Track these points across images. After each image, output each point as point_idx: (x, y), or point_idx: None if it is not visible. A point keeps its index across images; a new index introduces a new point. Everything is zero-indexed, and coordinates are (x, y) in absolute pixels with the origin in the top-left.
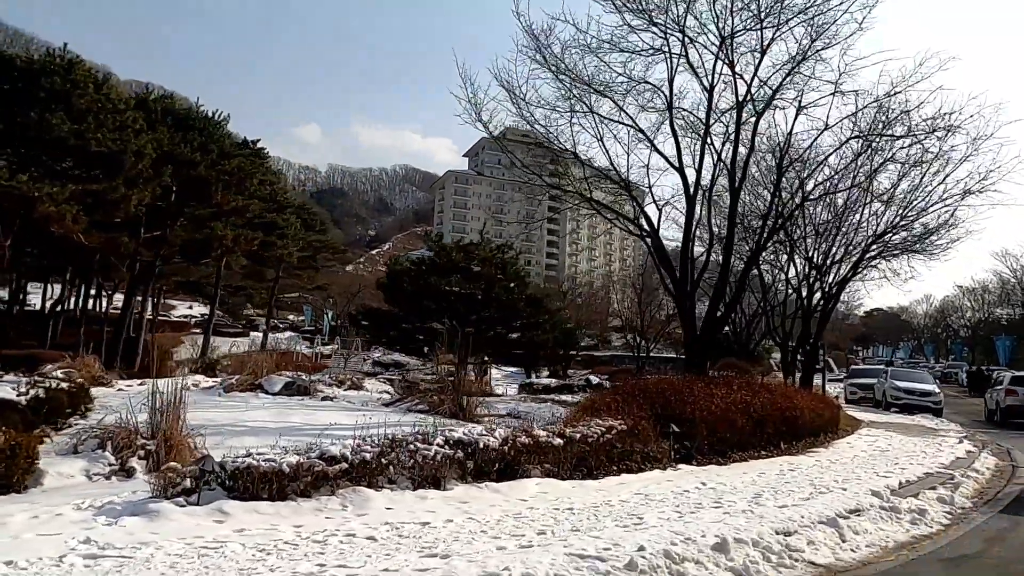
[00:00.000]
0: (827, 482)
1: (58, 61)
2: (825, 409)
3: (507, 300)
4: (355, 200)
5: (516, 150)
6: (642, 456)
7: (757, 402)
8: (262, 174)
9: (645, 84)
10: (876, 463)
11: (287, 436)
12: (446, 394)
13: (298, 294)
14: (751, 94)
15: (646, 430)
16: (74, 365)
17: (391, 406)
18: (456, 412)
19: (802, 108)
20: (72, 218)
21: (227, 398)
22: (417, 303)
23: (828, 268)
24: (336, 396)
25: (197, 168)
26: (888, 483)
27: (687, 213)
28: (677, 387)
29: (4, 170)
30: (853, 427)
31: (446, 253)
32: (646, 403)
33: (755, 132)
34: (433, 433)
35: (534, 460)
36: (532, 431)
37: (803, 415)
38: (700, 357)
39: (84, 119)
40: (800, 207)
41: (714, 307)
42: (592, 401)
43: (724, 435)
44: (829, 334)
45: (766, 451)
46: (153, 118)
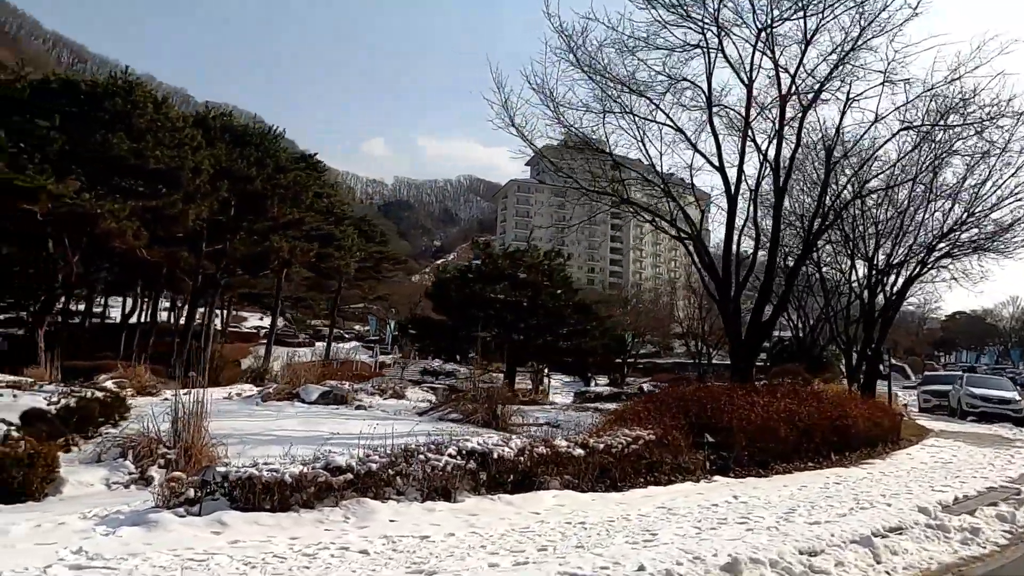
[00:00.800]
0: (873, 496)
1: (120, 83)
2: (883, 418)
3: (554, 307)
4: (421, 212)
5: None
6: (673, 467)
7: (803, 410)
8: (318, 187)
9: (683, 82)
10: (934, 476)
11: (306, 445)
12: (480, 403)
13: (363, 304)
14: (796, 87)
15: (677, 440)
16: (126, 375)
17: (425, 415)
18: (489, 421)
19: (851, 100)
20: (133, 233)
21: (263, 407)
22: (464, 311)
23: (890, 270)
24: (372, 405)
25: (253, 183)
26: (941, 498)
27: (728, 213)
28: (714, 395)
29: (69, 188)
30: (918, 437)
31: (492, 261)
32: (680, 412)
33: (801, 127)
34: (447, 443)
35: (553, 471)
36: (552, 441)
37: (856, 424)
38: (746, 363)
39: (143, 138)
40: (851, 204)
41: (759, 310)
42: (626, 410)
43: (765, 445)
44: (905, 339)
45: (814, 462)
46: (212, 135)
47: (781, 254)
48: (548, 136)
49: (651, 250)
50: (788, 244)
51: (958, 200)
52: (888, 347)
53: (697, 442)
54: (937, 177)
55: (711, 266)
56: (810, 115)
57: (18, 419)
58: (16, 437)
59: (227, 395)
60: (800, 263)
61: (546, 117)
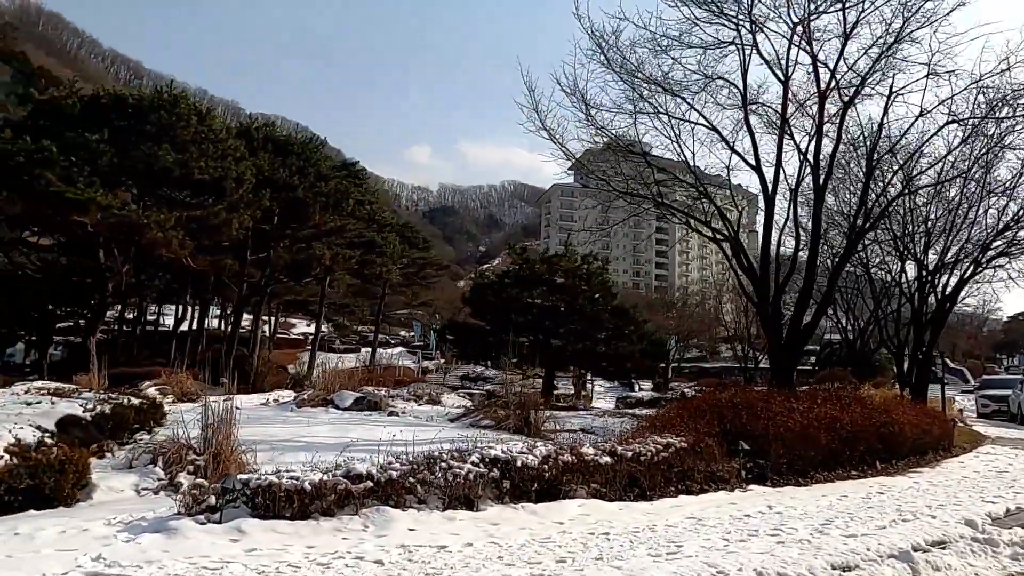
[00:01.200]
0: (918, 508)
1: (165, 97)
2: (933, 424)
3: (591, 312)
4: (466, 217)
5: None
6: (706, 476)
7: (845, 417)
8: (360, 194)
9: (718, 80)
10: (986, 486)
11: (333, 452)
12: (512, 409)
13: (408, 310)
14: (836, 82)
15: (710, 447)
16: (168, 381)
17: (457, 421)
18: (521, 427)
19: (894, 94)
20: (178, 243)
21: (297, 413)
22: (500, 316)
23: (941, 270)
24: (405, 411)
25: (295, 191)
26: (992, 510)
27: (765, 214)
28: (750, 401)
29: (117, 200)
30: (973, 444)
31: (529, 265)
32: (715, 418)
33: (842, 123)
34: (470, 450)
35: (579, 480)
36: (579, 448)
37: (903, 431)
38: (786, 368)
39: (187, 149)
40: (896, 202)
41: (799, 313)
42: (659, 416)
43: (805, 453)
44: (964, 342)
45: (858, 471)
46: (255, 145)
47: (827, 254)
48: (580, 139)
49: (698, 252)
50: (833, 244)
51: (1014, 197)
52: (941, 351)
53: (732, 450)
54: (990, 173)
55: (750, 268)
56: (852, 111)
57: (54, 425)
58: (49, 444)
59: (264, 401)
60: (842, 264)
61: (577, 119)
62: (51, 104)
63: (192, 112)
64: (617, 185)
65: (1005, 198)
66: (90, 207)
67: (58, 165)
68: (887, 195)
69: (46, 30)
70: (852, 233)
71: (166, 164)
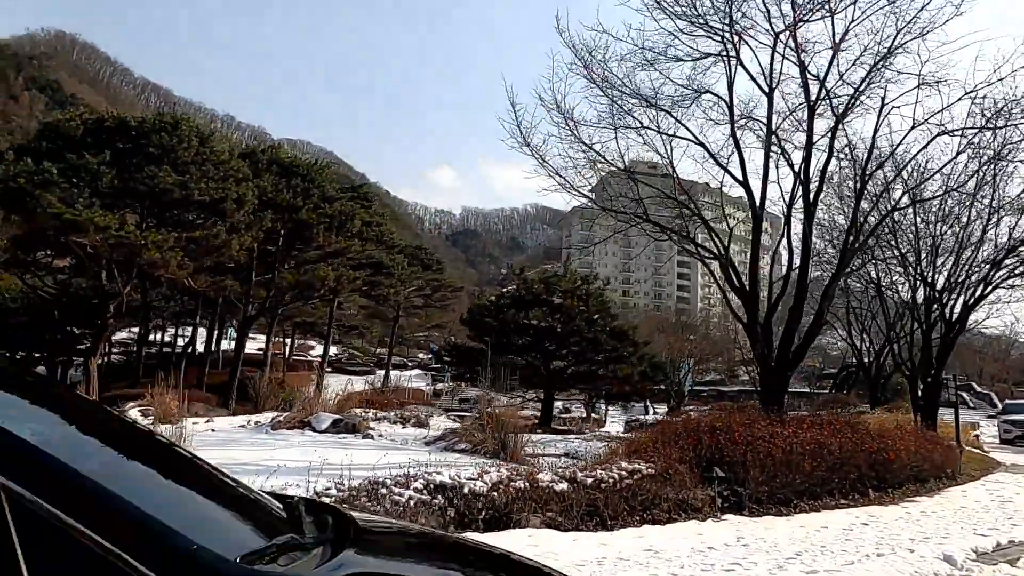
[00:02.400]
0: (901, 540)
1: (167, 119)
2: (934, 451)
3: (588, 333)
4: (488, 240)
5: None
6: (676, 504)
7: (833, 442)
8: (368, 216)
9: (705, 95)
10: (984, 517)
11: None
12: (488, 432)
13: (426, 333)
14: (828, 94)
15: (680, 474)
16: (152, 402)
17: (433, 444)
18: (497, 451)
19: (886, 106)
20: (177, 263)
21: (271, 435)
22: (497, 337)
23: (949, 289)
24: (383, 434)
25: (299, 212)
26: (980, 544)
27: (753, 231)
28: (731, 425)
29: (115, 220)
30: (985, 471)
31: (527, 286)
32: (691, 443)
33: (833, 137)
34: (416, 475)
35: (532, 508)
36: (534, 474)
37: (900, 458)
38: (776, 390)
39: (187, 171)
40: (887, 219)
41: (789, 333)
42: (634, 441)
43: (789, 480)
44: (991, 365)
45: (848, 500)
46: (259, 167)
47: (822, 271)
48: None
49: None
50: (833, 262)
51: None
52: (967, 374)
53: (706, 477)
54: (997, 189)
55: (741, 288)
56: (850, 126)
57: None
58: None
59: (244, 423)
60: (834, 282)
61: (560, 136)
62: (54, 127)
63: (193, 134)
64: (603, 202)
65: (1015, 215)
66: (88, 227)
67: (58, 186)
68: (880, 210)
69: (80, 59)
70: (844, 250)
71: (165, 185)
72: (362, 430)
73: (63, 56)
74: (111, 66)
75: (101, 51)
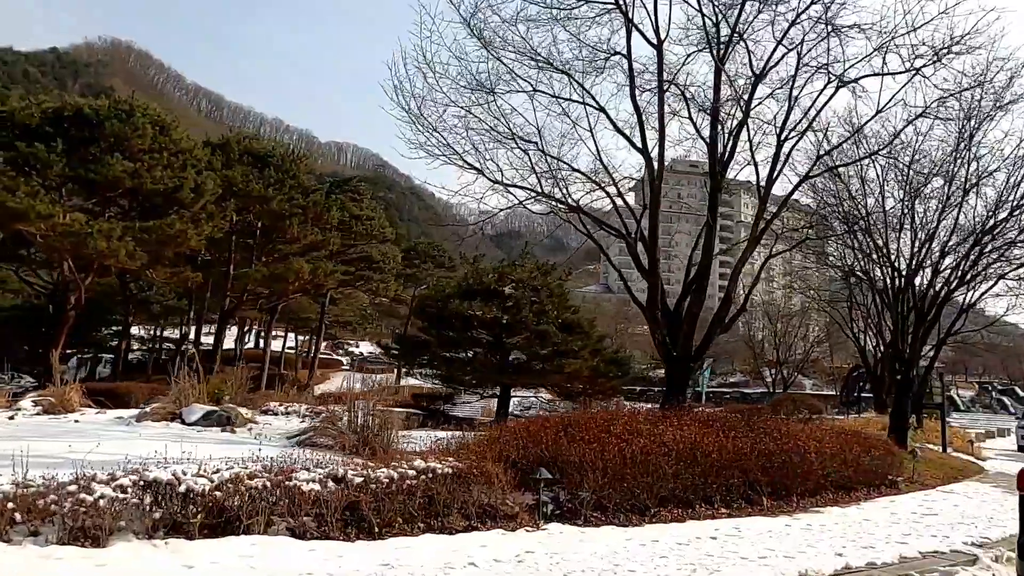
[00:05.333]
0: (730, 560)
1: (122, 107)
2: (863, 454)
3: (537, 325)
4: (531, 240)
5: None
6: (482, 510)
7: (709, 443)
8: (358, 210)
9: (598, 51)
10: (889, 532)
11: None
12: (352, 426)
13: None
14: (744, 41)
15: (490, 475)
16: (53, 394)
17: (294, 439)
18: (358, 447)
19: (803, 62)
20: (127, 253)
21: (128, 428)
22: (442, 329)
23: (917, 271)
24: (252, 427)
25: (270, 203)
26: (849, 563)
27: (651, 202)
28: (580, 421)
29: (59, 210)
30: (950, 479)
31: (477, 275)
32: (529, 441)
33: (750, 100)
34: (134, 470)
35: (280, 510)
36: (288, 471)
37: (805, 462)
38: (680, 383)
39: (140, 159)
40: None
41: (689, 319)
42: (465, 439)
43: (648, 485)
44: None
45: (732, 508)
46: (231, 157)
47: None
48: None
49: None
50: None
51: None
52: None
53: (531, 479)
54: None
55: (651, 269)
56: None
57: None
58: None
59: (121, 416)
60: (742, 259)
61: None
62: (10, 116)
63: (148, 122)
64: (493, 174)
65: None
66: (30, 216)
67: (4, 175)
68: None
69: (135, 66)
70: (757, 224)
71: (115, 174)
72: (238, 423)
73: (118, 63)
74: (164, 72)
75: (155, 58)
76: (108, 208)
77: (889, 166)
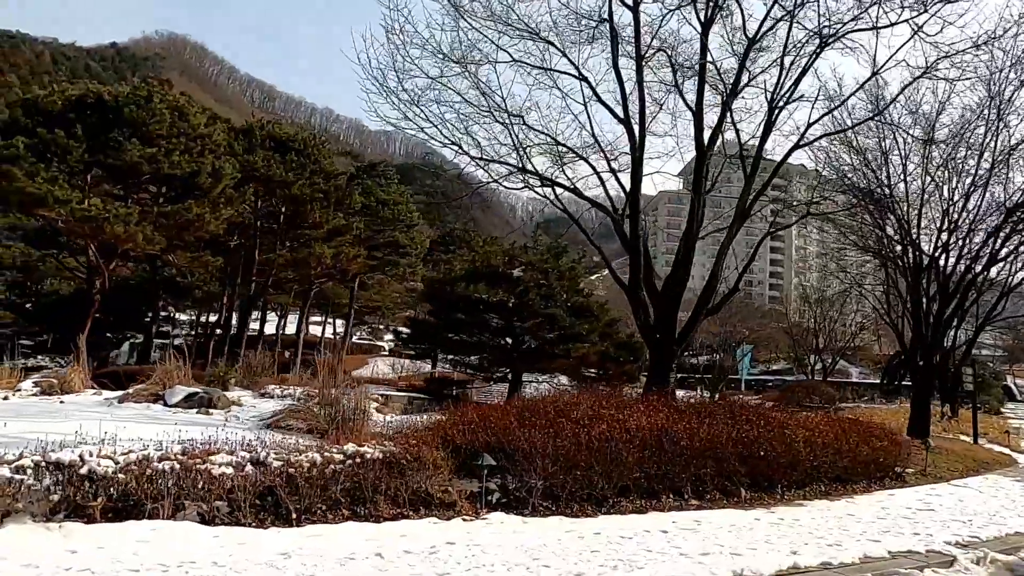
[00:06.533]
0: (672, 555)
1: (140, 93)
2: (862, 445)
3: (545, 309)
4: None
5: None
6: (415, 497)
7: (678, 428)
8: (385, 195)
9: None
10: (868, 528)
11: None
12: (325, 409)
13: None
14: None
15: (427, 460)
16: (55, 375)
17: (267, 421)
18: (326, 430)
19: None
20: (144, 238)
21: (111, 408)
22: (450, 313)
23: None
24: (232, 410)
25: (291, 187)
26: (797, 563)
27: (632, 174)
28: (538, 407)
29: (77, 194)
30: (970, 472)
31: (486, 258)
32: (480, 426)
33: (742, 65)
34: (38, 451)
35: (194, 494)
36: (200, 453)
37: (790, 452)
38: (662, 368)
39: (158, 144)
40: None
41: (672, 299)
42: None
43: (606, 473)
44: None
45: (704, 499)
46: (253, 142)
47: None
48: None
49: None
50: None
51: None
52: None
53: (474, 465)
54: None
55: (631, 242)
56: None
57: None
58: None
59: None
60: (729, 236)
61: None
62: (34, 103)
63: (166, 108)
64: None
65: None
66: (48, 200)
67: (26, 161)
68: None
69: (191, 59)
70: (747, 191)
71: (133, 159)
72: (220, 405)
73: (176, 57)
74: (218, 64)
75: (210, 51)
76: (138, 195)
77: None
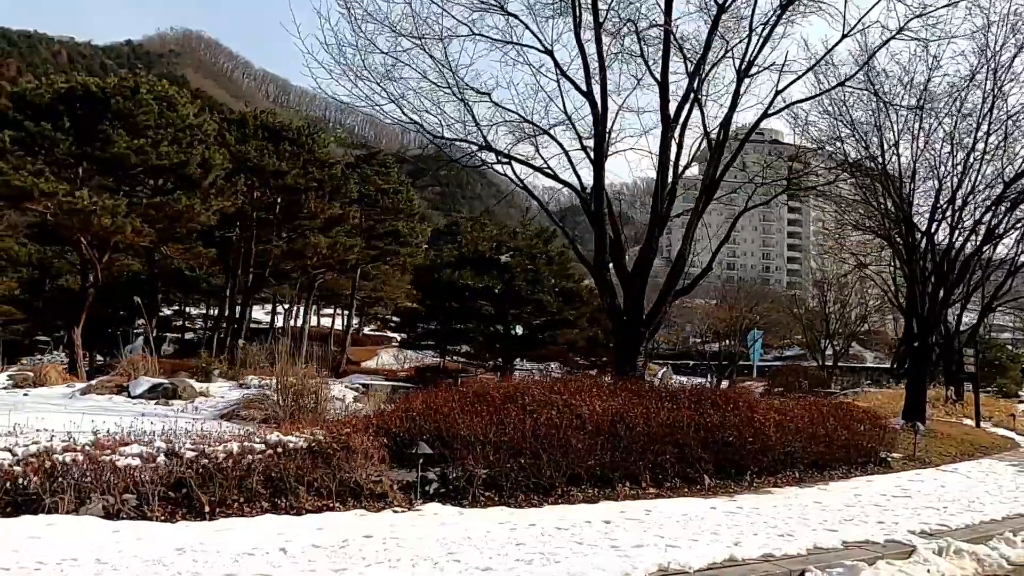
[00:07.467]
0: (619, 546)
1: (127, 84)
2: (839, 429)
3: (530, 294)
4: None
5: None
6: (343, 488)
7: (635, 414)
8: (384, 184)
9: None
10: (830, 517)
11: None
12: (284, 398)
13: None
14: None
15: (357, 449)
16: (34, 370)
17: (224, 411)
18: (283, 419)
19: None
20: (133, 230)
21: (64, 402)
22: (437, 300)
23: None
24: (194, 400)
25: (284, 177)
26: (733, 555)
27: (595, 148)
28: (486, 393)
29: (63, 187)
30: (964, 456)
31: (473, 243)
32: (420, 412)
33: (712, 31)
34: None
35: (94, 487)
36: (119, 445)
37: (761, 435)
38: (630, 351)
39: (145, 135)
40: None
41: (639, 279)
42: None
43: (554, 461)
44: None
45: (662, 488)
46: (246, 133)
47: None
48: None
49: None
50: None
51: None
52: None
53: (408, 455)
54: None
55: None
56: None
57: None
58: None
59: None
60: (696, 213)
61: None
62: (22, 96)
63: (153, 98)
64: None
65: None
66: (34, 193)
67: (11, 154)
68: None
69: (206, 55)
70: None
71: (120, 151)
72: (185, 396)
73: (191, 53)
74: (233, 60)
75: (224, 46)
76: (132, 188)
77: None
